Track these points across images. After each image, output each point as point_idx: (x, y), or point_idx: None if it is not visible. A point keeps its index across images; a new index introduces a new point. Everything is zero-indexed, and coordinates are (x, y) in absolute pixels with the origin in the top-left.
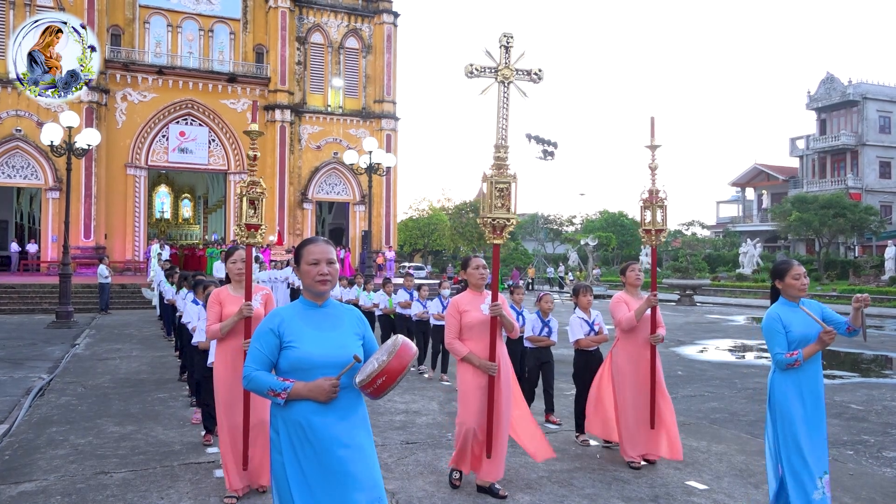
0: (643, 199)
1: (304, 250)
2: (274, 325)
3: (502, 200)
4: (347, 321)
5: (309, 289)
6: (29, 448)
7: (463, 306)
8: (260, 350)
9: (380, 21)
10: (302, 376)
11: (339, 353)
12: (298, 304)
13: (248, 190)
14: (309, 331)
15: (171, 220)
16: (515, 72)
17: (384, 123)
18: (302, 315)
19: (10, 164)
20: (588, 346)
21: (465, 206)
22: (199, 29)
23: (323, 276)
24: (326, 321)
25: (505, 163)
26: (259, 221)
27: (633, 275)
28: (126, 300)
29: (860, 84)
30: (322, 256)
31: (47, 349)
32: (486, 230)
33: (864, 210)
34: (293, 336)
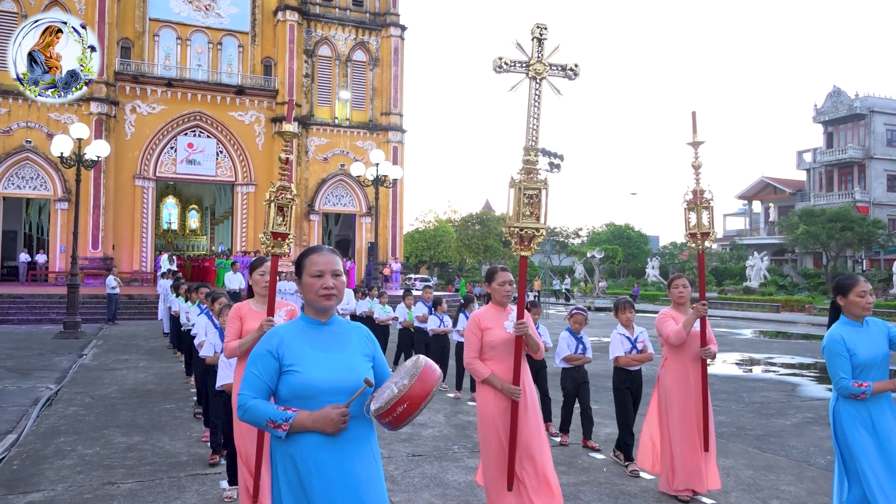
0: (687, 200)
1: (306, 260)
2: (272, 346)
3: (531, 209)
4: (355, 341)
5: (312, 304)
6: (37, 458)
7: (485, 323)
8: (257, 375)
9: (387, 34)
10: (305, 405)
11: (347, 378)
12: (300, 321)
13: (278, 195)
14: (312, 352)
15: (178, 231)
16: (549, 67)
17: (391, 136)
18: (304, 334)
19: (19, 175)
20: (628, 364)
21: (471, 219)
22: (207, 42)
23: (328, 291)
24: (332, 341)
25: (535, 167)
26: (287, 230)
27: (676, 292)
28: (133, 311)
29: (867, 97)
30: (327, 268)
31: (55, 359)
32: (513, 241)
33: (871, 223)
34: (294, 359)
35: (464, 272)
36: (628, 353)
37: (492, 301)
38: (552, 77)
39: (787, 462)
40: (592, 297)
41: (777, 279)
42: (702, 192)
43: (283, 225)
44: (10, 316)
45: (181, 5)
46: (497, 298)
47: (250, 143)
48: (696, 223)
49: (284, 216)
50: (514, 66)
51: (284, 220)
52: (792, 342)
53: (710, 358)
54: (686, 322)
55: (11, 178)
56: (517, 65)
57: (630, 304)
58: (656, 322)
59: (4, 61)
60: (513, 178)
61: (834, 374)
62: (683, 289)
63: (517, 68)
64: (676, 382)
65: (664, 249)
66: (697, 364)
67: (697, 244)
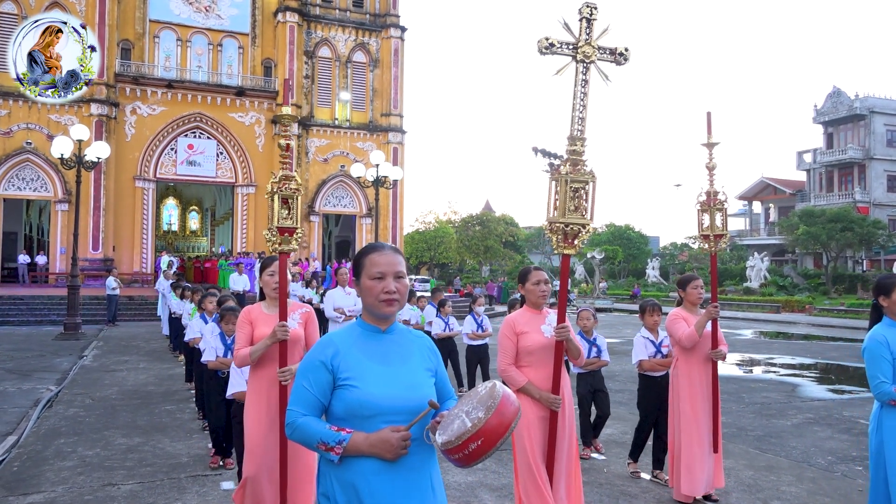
0: (700, 201)
1: (365, 260)
2: (326, 356)
3: (577, 203)
4: (417, 353)
5: (371, 310)
6: (37, 459)
7: (520, 327)
8: (307, 389)
9: (387, 35)
10: (361, 425)
11: (410, 396)
12: (356, 328)
13: (281, 186)
14: (371, 365)
15: (178, 233)
16: (598, 50)
17: (391, 137)
18: (362, 344)
19: (20, 177)
20: (652, 368)
21: (472, 220)
22: (207, 43)
23: (389, 295)
24: (392, 352)
25: (581, 158)
26: (294, 224)
27: (696, 293)
28: (134, 312)
29: (867, 98)
30: (389, 269)
31: (55, 361)
32: (555, 237)
33: (871, 224)
34: (351, 371)
35: (464, 273)
36: (652, 356)
37: (526, 303)
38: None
39: (787, 463)
40: (593, 298)
41: (777, 280)
42: (716, 193)
43: (290, 219)
44: (11, 317)
45: (181, 7)
46: (532, 300)
47: (250, 145)
48: (710, 225)
49: (290, 209)
50: (561, 47)
51: (290, 213)
52: (792, 343)
53: (720, 360)
54: (698, 324)
55: (12, 180)
56: (565, 46)
57: (658, 307)
58: (667, 323)
59: (5, 63)
60: (558, 170)
61: (873, 378)
62: (702, 289)
63: (565, 50)
64: (686, 384)
65: (664, 250)
66: (708, 366)
67: (711, 246)
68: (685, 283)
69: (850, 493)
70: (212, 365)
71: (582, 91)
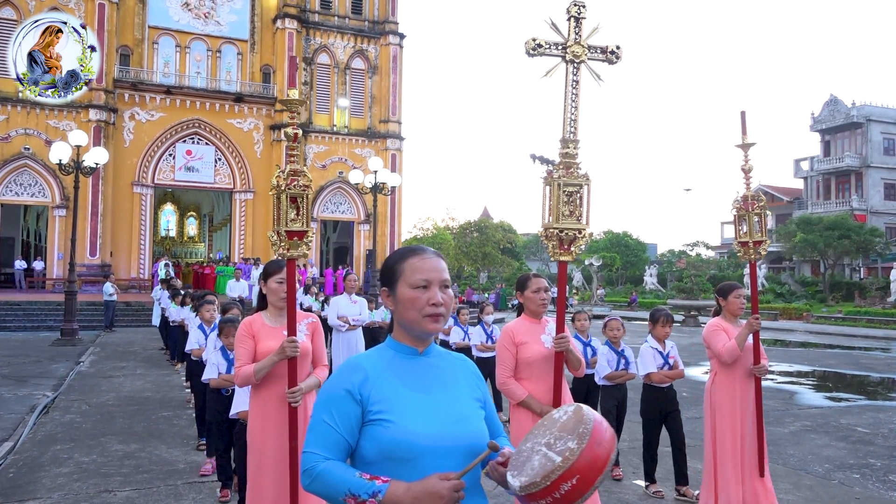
0: (737, 206)
1: (404, 266)
2: (353, 384)
3: (571, 207)
4: (463, 378)
5: (411, 327)
6: (33, 466)
7: (519, 337)
8: (330, 426)
9: (386, 42)
10: (399, 470)
11: (458, 433)
12: (387, 350)
13: (289, 183)
14: (409, 394)
15: (176, 238)
16: (588, 49)
17: (389, 143)
18: (395, 368)
19: (17, 182)
20: (661, 381)
21: (470, 226)
22: (206, 49)
23: (436, 309)
24: (433, 379)
25: (575, 161)
26: (304, 226)
27: (739, 302)
28: (131, 318)
29: (864, 106)
30: (435, 276)
31: (52, 367)
32: (551, 244)
33: (868, 232)
34: (385, 403)
35: (462, 279)
36: (661, 368)
37: (525, 312)
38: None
39: (784, 470)
40: (590, 305)
41: (775, 287)
42: (754, 197)
43: (299, 220)
44: (7, 323)
45: (180, 13)
46: (532, 308)
47: (249, 151)
48: (748, 231)
49: (299, 209)
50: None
51: (299, 213)
52: (790, 350)
53: (762, 376)
54: (739, 337)
55: (9, 185)
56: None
57: (670, 318)
58: (705, 334)
59: (4, 67)
60: (550, 175)
61: None
62: (744, 299)
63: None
64: (727, 400)
65: (662, 257)
66: (750, 381)
67: (750, 254)
68: (727, 291)
69: (847, 501)
70: (214, 383)
71: (573, 92)
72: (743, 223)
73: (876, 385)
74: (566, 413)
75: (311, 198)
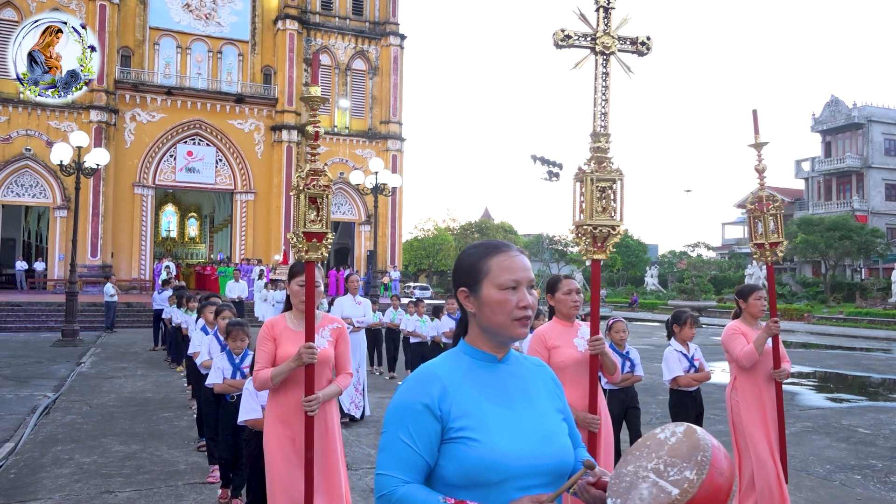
0: (750, 207)
1: (490, 264)
2: (431, 397)
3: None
4: (543, 387)
5: (498, 332)
6: (34, 466)
7: (551, 341)
8: (408, 445)
9: (387, 43)
10: (486, 494)
11: (546, 451)
12: (462, 356)
13: (309, 183)
14: (492, 408)
15: (177, 239)
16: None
17: (390, 144)
18: (474, 378)
19: (19, 183)
20: (689, 384)
21: (470, 227)
22: (207, 50)
23: (525, 312)
24: (514, 389)
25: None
26: (324, 228)
27: (760, 304)
28: (132, 319)
29: (865, 107)
30: (524, 276)
31: (53, 367)
32: (583, 242)
33: (870, 232)
34: (469, 419)
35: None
36: (687, 371)
37: (556, 315)
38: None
39: None
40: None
41: (776, 288)
42: (769, 197)
43: (319, 221)
44: (9, 324)
45: (181, 14)
46: (563, 311)
47: (250, 152)
48: (764, 231)
49: (319, 210)
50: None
51: (319, 214)
52: (791, 351)
53: (782, 380)
54: (757, 341)
55: (11, 186)
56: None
57: (696, 320)
58: (724, 338)
59: (5, 68)
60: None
61: None
62: (765, 301)
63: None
64: (747, 405)
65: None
66: (771, 385)
67: (766, 255)
68: (747, 293)
69: (848, 502)
70: (219, 389)
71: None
72: (758, 224)
73: (877, 386)
74: (674, 435)
75: (330, 198)
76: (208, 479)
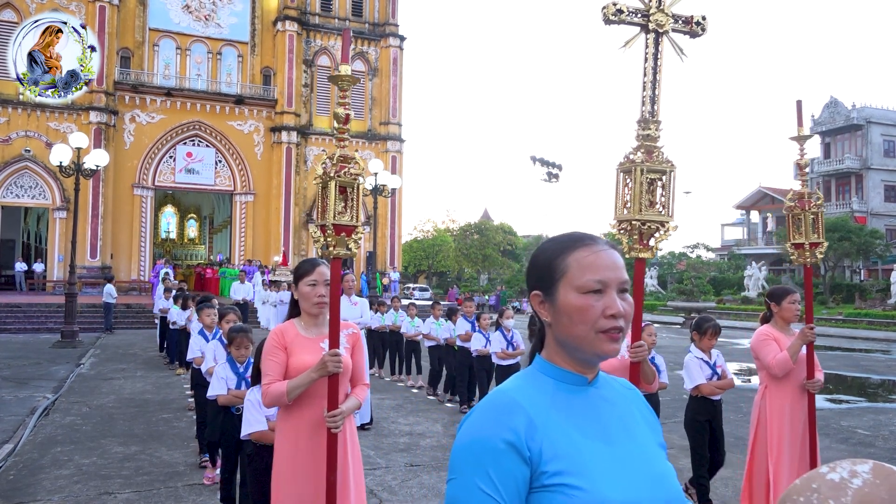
0: (790, 205)
1: (569, 261)
2: (516, 432)
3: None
4: (640, 416)
5: (579, 346)
6: (33, 468)
7: None
8: (489, 495)
9: (386, 45)
10: None
11: (659, 497)
12: (544, 378)
13: (339, 170)
14: (590, 446)
15: (176, 241)
16: (672, 18)
17: (390, 145)
18: (563, 406)
19: (18, 185)
20: (712, 393)
21: (470, 228)
22: (207, 51)
23: (615, 322)
24: (610, 419)
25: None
26: (353, 221)
27: (794, 308)
28: (131, 320)
29: (864, 108)
30: (612, 276)
31: (52, 369)
32: (627, 238)
33: (869, 233)
34: (566, 461)
35: (462, 282)
36: (709, 379)
37: None
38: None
39: None
40: None
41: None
42: (810, 195)
43: (348, 213)
44: (8, 325)
45: (181, 15)
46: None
47: (249, 153)
48: (804, 231)
49: (347, 200)
50: (629, 15)
51: (347, 206)
52: None
53: (815, 391)
54: (792, 348)
55: (10, 187)
56: (633, 14)
57: (719, 330)
58: (753, 344)
59: (5, 69)
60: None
61: None
62: (799, 305)
63: (633, 19)
64: (777, 416)
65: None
66: (803, 396)
67: (806, 257)
68: (780, 296)
69: None
70: (223, 400)
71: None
72: (798, 223)
73: (876, 387)
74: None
75: (361, 188)
76: (205, 480)
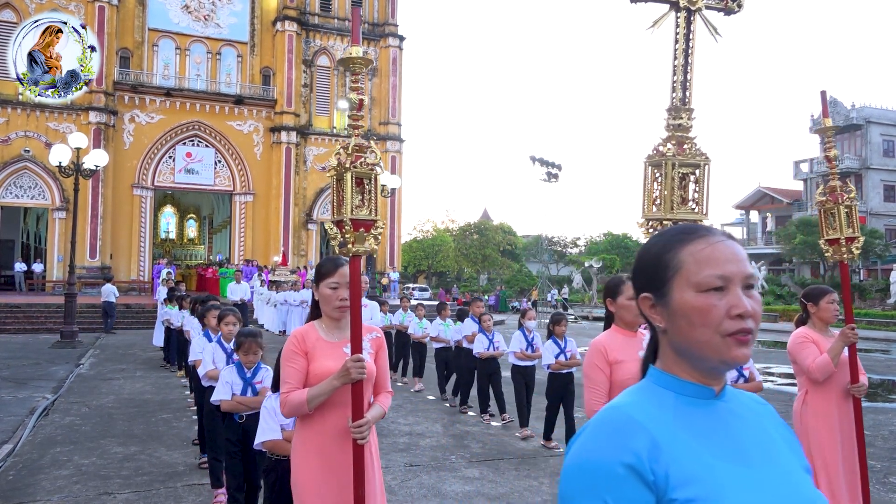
0: (822, 199)
1: (683, 255)
2: (638, 455)
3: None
4: (777, 433)
5: (703, 353)
6: (33, 468)
7: (614, 354)
8: None
9: (385, 45)
10: None
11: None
12: (664, 392)
13: (355, 161)
14: (725, 468)
15: (175, 241)
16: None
17: (389, 145)
18: (689, 423)
19: (17, 185)
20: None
21: (469, 228)
22: (206, 52)
23: (742, 323)
24: (745, 437)
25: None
26: (372, 215)
27: (833, 308)
28: (130, 320)
29: (863, 108)
30: (735, 270)
31: (52, 369)
32: None
33: (868, 233)
34: (698, 486)
35: (461, 282)
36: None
37: (616, 323)
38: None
39: None
40: (590, 307)
41: (775, 289)
42: (842, 187)
43: (366, 207)
44: (7, 325)
45: (180, 15)
46: (627, 319)
47: (249, 153)
48: (839, 226)
49: (364, 194)
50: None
51: (364, 199)
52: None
53: (860, 396)
54: (832, 351)
55: (9, 188)
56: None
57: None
58: (790, 346)
59: (5, 69)
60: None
61: None
62: (838, 305)
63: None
64: (821, 424)
65: None
66: (848, 401)
67: (842, 252)
68: (818, 296)
69: None
70: (226, 406)
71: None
72: (831, 218)
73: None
74: None
75: (378, 180)
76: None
